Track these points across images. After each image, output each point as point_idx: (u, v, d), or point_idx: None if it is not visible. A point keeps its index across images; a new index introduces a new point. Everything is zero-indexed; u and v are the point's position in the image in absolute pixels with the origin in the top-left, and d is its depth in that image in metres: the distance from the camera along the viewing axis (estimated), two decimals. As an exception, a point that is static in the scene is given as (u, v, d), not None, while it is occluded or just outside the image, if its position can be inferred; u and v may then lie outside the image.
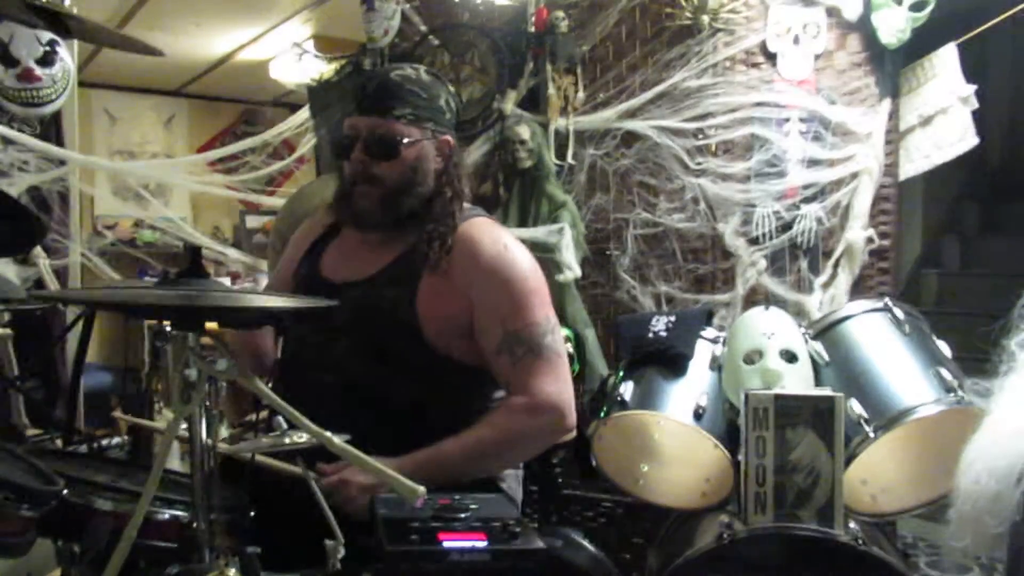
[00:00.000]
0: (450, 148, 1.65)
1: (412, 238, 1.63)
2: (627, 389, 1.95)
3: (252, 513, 1.29)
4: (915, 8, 2.56)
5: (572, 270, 2.74)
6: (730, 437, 1.84)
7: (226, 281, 4.47)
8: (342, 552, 1.13)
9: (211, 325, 1.10)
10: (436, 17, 3.05)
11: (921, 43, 2.67)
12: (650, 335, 2.07)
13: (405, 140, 1.58)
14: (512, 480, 1.73)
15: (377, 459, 1.42)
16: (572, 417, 1.60)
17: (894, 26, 2.58)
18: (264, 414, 1.67)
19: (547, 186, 2.86)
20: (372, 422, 1.50)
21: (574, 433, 1.68)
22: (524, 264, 1.62)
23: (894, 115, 2.68)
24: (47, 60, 2.72)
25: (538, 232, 2.76)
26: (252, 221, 6.57)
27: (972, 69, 2.66)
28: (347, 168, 1.64)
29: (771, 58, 2.72)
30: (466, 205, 1.70)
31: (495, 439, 1.56)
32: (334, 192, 1.71)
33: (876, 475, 1.83)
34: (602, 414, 1.97)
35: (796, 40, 2.69)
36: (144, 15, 4.67)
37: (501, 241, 1.63)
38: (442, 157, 1.64)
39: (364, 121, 1.60)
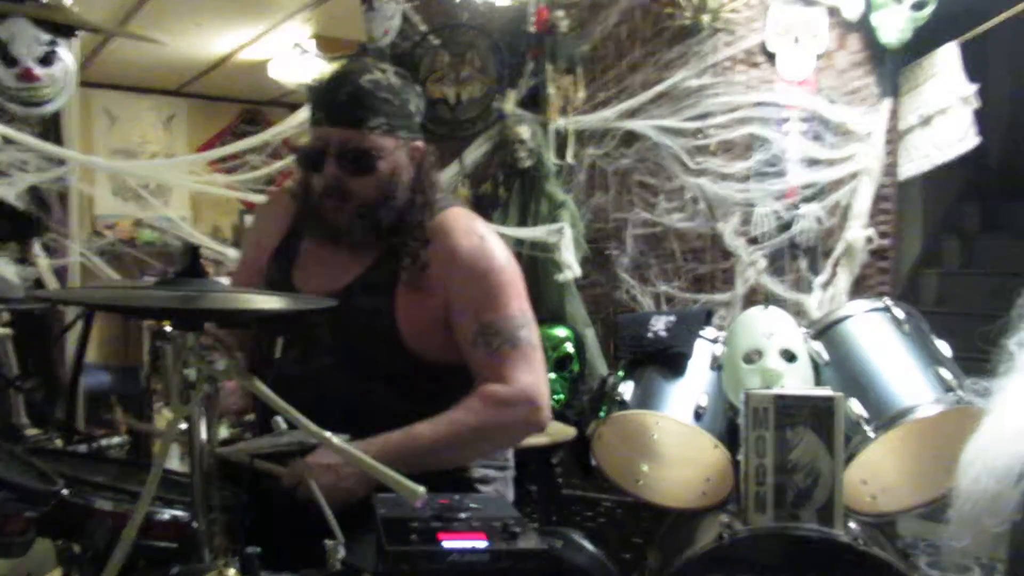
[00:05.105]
0: (421, 154, 1.58)
1: (385, 245, 1.57)
2: (627, 389, 1.95)
3: (252, 513, 1.29)
4: (916, 8, 2.56)
5: (572, 270, 2.74)
6: (730, 437, 1.84)
7: (225, 281, 4.46)
8: (342, 552, 1.13)
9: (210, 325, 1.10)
10: (436, 17, 3.05)
11: (921, 43, 2.66)
12: (650, 335, 2.07)
13: (381, 154, 1.51)
14: (500, 484, 1.69)
15: (350, 443, 1.40)
16: (546, 411, 1.54)
17: (894, 26, 2.58)
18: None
19: (547, 186, 2.86)
20: (355, 434, 1.49)
21: (545, 427, 1.60)
22: (500, 256, 1.58)
23: (894, 115, 2.68)
24: (47, 60, 2.71)
25: (538, 232, 2.76)
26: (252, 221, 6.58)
27: (972, 69, 2.66)
28: (317, 181, 1.54)
29: (771, 58, 2.72)
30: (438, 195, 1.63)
31: (468, 426, 1.51)
32: (299, 203, 1.62)
33: (876, 475, 1.83)
34: (602, 414, 1.97)
35: (796, 40, 2.69)
36: (144, 15, 4.67)
37: (476, 233, 1.59)
38: (414, 164, 1.57)
39: (336, 133, 1.50)
